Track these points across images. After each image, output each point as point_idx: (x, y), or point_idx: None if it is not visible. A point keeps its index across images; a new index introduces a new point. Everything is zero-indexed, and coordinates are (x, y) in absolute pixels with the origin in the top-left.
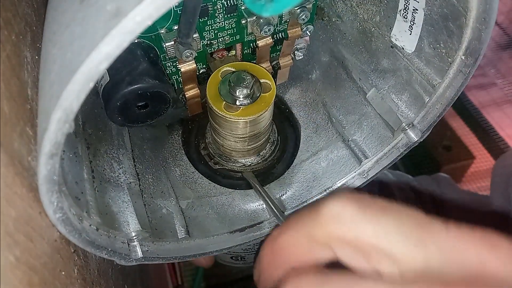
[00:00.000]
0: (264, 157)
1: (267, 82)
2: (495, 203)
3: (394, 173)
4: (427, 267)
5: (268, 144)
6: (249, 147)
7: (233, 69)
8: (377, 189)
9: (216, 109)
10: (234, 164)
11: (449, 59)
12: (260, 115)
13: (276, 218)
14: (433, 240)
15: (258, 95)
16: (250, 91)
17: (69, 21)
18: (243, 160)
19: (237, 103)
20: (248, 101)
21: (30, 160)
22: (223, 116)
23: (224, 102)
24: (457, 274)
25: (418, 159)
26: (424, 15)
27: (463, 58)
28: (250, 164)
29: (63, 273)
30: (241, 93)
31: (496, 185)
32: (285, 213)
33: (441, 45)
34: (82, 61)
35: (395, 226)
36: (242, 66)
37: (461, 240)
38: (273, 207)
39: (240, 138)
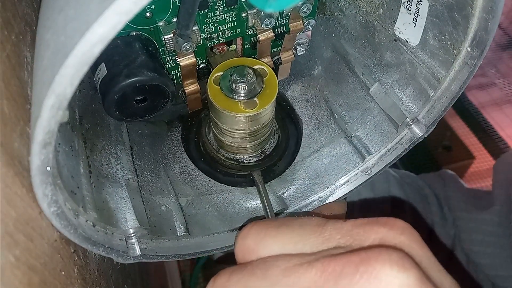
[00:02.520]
0: (265, 154)
1: (261, 68)
2: (497, 201)
3: (398, 172)
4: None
5: (270, 141)
6: (250, 143)
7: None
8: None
9: (217, 105)
10: (235, 161)
11: (455, 51)
12: (262, 111)
13: None
14: (331, 228)
15: (259, 90)
16: (251, 86)
17: (62, 5)
18: (244, 157)
19: (238, 98)
20: (249, 97)
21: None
22: (224, 111)
23: (226, 98)
24: (357, 247)
25: (418, 159)
26: (429, 6)
27: (469, 49)
28: (251, 161)
29: (63, 273)
30: (242, 89)
31: (499, 184)
32: (287, 210)
33: (446, 36)
34: (76, 44)
35: (297, 232)
36: (239, 62)
37: (356, 223)
38: (269, 212)
39: (241, 134)
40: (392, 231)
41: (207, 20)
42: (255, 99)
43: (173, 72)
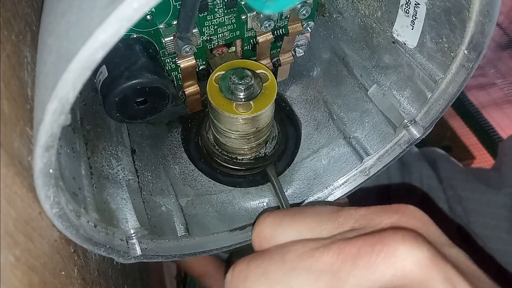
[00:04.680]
0: (265, 154)
1: (263, 73)
2: (509, 183)
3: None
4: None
5: (269, 141)
6: (250, 144)
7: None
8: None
9: (216, 107)
10: (234, 161)
11: (452, 54)
12: (261, 113)
13: None
14: (345, 214)
15: (258, 92)
16: (250, 88)
17: (65, 10)
18: (244, 158)
19: (238, 100)
20: (249, 99)
21: (30, 160)
22: (224, 113)
23: (225, 100)
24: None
25: None
26: (426, 9)
27: (466, 52)
28: (250, 161)
29: (63, 273)
30: (241, 91)
31: (508, 165)
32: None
33: (444, 39)
34: (78, 49)
35: (312, 219)
36: (238, 64)
37: (369, 210)
38: (284, 204)
39: (241, 135)
40: (404, 216)
41: (207, 23)
42: (255, 100)
43: (173, 74)
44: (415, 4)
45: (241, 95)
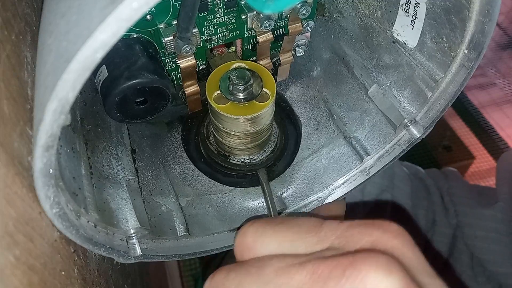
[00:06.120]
0: (264, 154)
1: (266, 92)
2: (501, 198)
3: (405, 165)
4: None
5: (269, 141)
6: (250, 145)
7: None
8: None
9: (215, 107)
10: (234, 162)
11: (452, 53)
12: (261, 113)
13: None
14: (327, 228)
15: (259, 92)
16: (250, 88)
17: (65, 10)
18: (244, 158)
19: (237, 101)
20: (249, 99)
21: (30, 160)
22: (223, 113)
23: (225, 100)
24: (349, 248)
25: (418, 159)
26: (426, 9)
27: (466, 52)
28: (250, 162)
29: (63, 273)
30: (241, 91)
31: (502, 182)
32: (287, 211)
33: (444, 39)
34: (78, 49)
35: (294, 231)
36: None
37: (352, 224)
38: (272, 210)
39: (241, 135)
40: (385, 234)
41: (207, 23)
42: (254, 101)
43: (173, 73)
44: (415, 3)
45: (241, 95)
